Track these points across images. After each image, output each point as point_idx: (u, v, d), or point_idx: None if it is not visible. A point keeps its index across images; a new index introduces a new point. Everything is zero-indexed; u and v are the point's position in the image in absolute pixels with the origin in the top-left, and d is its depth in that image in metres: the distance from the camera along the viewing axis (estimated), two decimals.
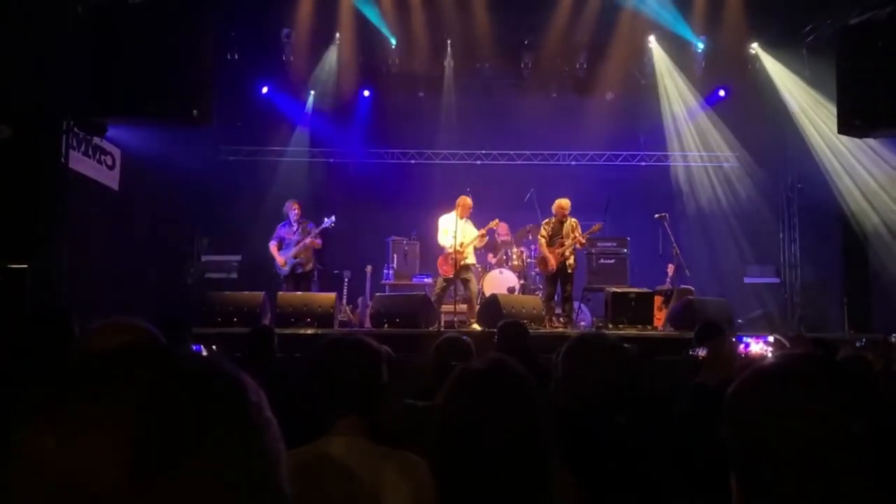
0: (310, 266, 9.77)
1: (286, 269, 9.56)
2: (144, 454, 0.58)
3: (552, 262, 9.30)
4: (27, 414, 0.61)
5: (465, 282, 9.48)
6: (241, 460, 0.64)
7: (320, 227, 9.67)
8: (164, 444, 0.59)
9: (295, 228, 9.62)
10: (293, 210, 9.69)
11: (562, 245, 9.31)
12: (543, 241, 9.47)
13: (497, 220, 9.84)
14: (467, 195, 9.57)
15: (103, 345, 1.64)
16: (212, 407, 0.64)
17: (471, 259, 9.53)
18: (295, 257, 9.56)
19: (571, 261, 9.40)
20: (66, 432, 0.59)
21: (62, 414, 0.60)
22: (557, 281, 9.49)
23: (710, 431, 2.34)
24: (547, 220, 9.64)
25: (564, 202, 9.52)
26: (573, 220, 9.46)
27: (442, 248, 9.57)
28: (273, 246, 9.67)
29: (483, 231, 9.55)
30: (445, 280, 9.52)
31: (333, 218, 9.71)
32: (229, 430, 0.64)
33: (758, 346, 2.70)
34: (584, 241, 9.49)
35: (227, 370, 0.69)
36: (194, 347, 4.25)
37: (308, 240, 9.52)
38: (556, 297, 9.70)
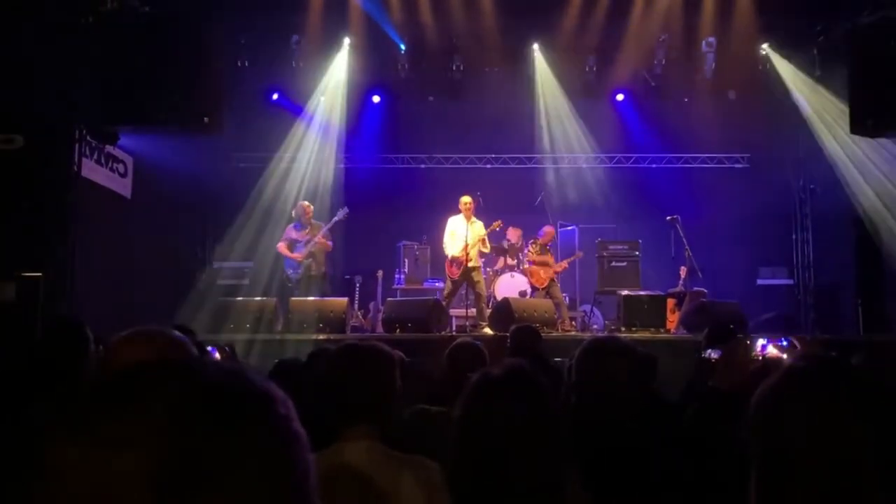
0: (322, 270, 9.77)
1: (300, 269, 9.54)
2: (170, 472, 0.58)
3: (541, 279, 10.34)
4: (53, 430, 0.60)
5: (472, 285, 9.48)
6: (270, 476, 0.63)
7: (332, 221, 9.68)
8: (190, 462, 0.59)
9: (306, 230, 9.64)
10: (304, 212, 9.75)
11: (546, 265, 10.46)
12: (531, 259, 10.55)
13: (499, 222, 9.88)
14: (471, 196, 9.61)
15: (130, 355, 1.66)
16: (239, 422, 0.63)
17: (475, 262, 9.53)
18: (306, 258, 9.55)
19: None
20: (91, 450, 0.58)
21: (88, 431, 0.59)
22: (546, 293, 10.31)
23: (723, 435, 2.33)
24: (534, 240, 10.62)
25: (553, 231, 10.83)
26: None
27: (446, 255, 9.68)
28: (282, 246, 9.69)
29: (484, 235, 9.58)
30: (453, 282, 9.55)
31: (346, 209, 9.73)
32: (257, 446, 0.63)
33: (772, 349, 2.68)
34: (566, 266, 10.87)
35: (254, 383, 0.67)
36: (209, 350, 4.24)
37: (319, 237, 9.54)
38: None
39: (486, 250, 9.93)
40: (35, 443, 0.60)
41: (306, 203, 9.94)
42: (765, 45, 11.31)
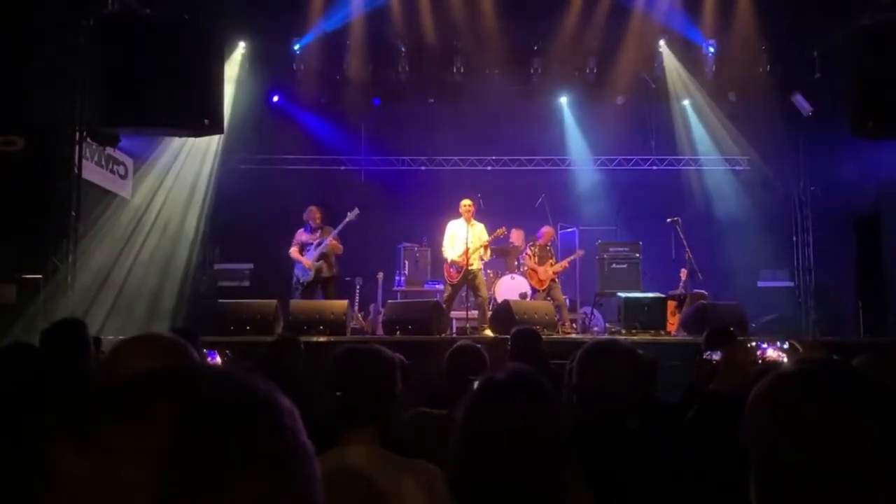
0: (333, 271, 9.77)
1: (311, 272, 9.53)
2: (175, 481, 0.58)
3: (541, 280, 10.32)
4: (56, 436, 0.60)
5: (474, 288, 9.47)
6: (274, 488, 0.62)
7: (344, 222, 9.67)
8: (195, 472, 0.59)
9: (316, 234, 9.65)
10: (313, 216, 9.76)
11: (544, 266, 10.38)
12: (532, 261, 10.50)
13: (503, 229, 9.86)
14: (471, 199, 9.61)
15: (132, 359, 1.65)
16: (242, 432, 0.63)
17: (476, 265, 9.52)
18: (317, 260, 9.55)
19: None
20: (96, 458, 0.58)
21: (94, 439, 0.59)
22: (547, 294, 10.29)
23: (723, 437, 2.33)
24: (533, 242, 10.62)
25: (552, 231, 10.76)
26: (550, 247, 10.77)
27: (445, 259, 9.67)
28: (294, 251, 9.69)
29: (487, 242, 9.57)
30: (452, 286, 9.53)
31: (357, 210, 9.72)
32: (262, 458, 0.63)
33: (773, 352, 2.68)
34: (566, 265, 10.66)
35: (262, 393, 0.67)
36: (208, 354, 4.23)
37: (330, 238, 9.55)
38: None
39: (486, 258, 9.91)
40: (38, 448, 0.60)
41: (315, 207, 9.93)
42: (764, 47, 11.30)
